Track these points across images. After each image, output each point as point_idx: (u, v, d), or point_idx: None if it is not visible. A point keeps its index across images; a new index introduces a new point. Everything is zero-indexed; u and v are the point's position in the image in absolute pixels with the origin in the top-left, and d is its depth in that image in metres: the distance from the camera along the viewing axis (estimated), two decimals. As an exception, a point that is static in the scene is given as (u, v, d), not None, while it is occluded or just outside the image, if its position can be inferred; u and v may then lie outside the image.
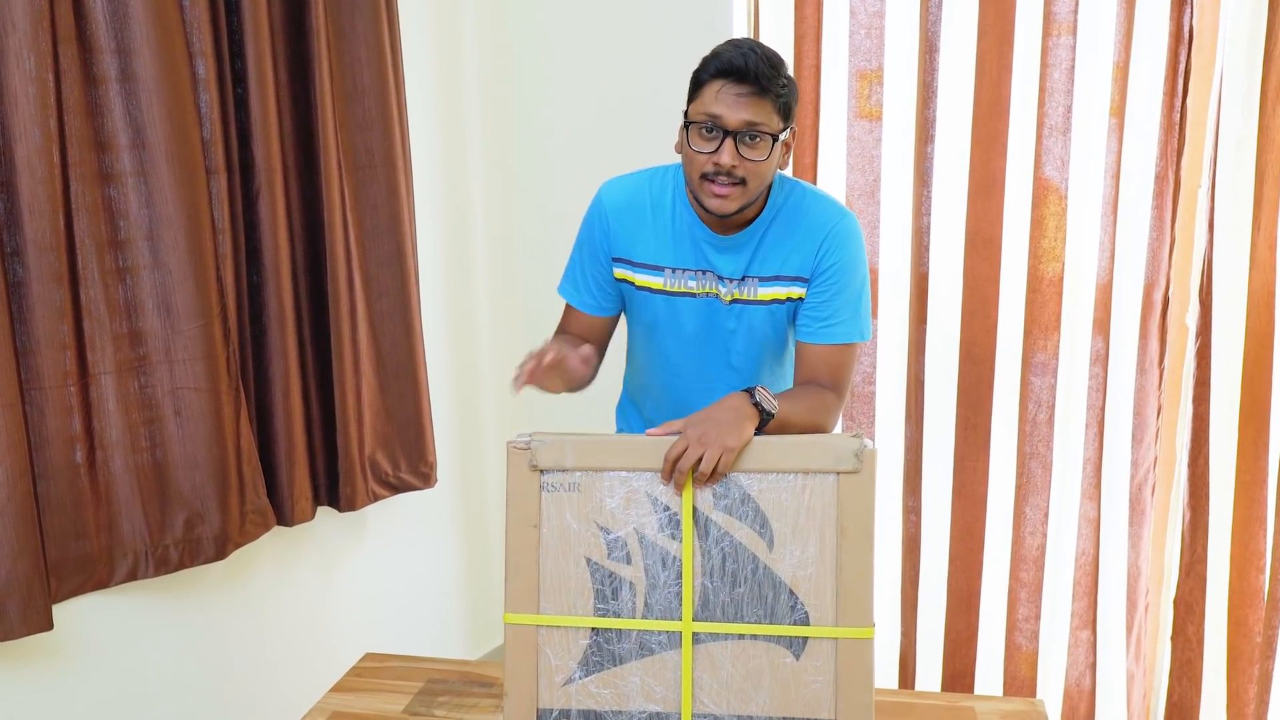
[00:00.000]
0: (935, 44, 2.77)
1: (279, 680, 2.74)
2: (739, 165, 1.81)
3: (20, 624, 2.10)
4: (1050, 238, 2.79)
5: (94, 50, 2.17)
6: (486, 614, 3.47)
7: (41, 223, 2.09)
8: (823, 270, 1.93)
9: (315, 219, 2.64)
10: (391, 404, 2.88)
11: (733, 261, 1.94)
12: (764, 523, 1.71)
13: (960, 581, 2.99)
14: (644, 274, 2.00)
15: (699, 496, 1.72)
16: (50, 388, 2.14)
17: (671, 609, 1.72)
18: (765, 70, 1.78)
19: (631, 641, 1.74)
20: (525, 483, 1.74)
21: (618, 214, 2.00)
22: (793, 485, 1.70)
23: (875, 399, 3.03)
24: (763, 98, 1.79)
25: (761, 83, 1.78)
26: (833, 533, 1.70)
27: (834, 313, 1.94)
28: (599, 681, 1.74)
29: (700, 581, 1.72)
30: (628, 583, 1.73)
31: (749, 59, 1.78)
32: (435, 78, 3.11)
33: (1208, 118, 2.61)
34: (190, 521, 2.38)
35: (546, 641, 1.75)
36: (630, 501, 1.73)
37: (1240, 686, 2.75)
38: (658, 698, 1.73)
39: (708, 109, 1.81)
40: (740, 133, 1.80)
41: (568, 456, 1.73)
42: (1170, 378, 2.75)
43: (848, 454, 1.69)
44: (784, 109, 1.82)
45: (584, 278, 2.06)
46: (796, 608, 1.71)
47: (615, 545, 1.73)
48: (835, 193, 2.95)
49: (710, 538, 1.71)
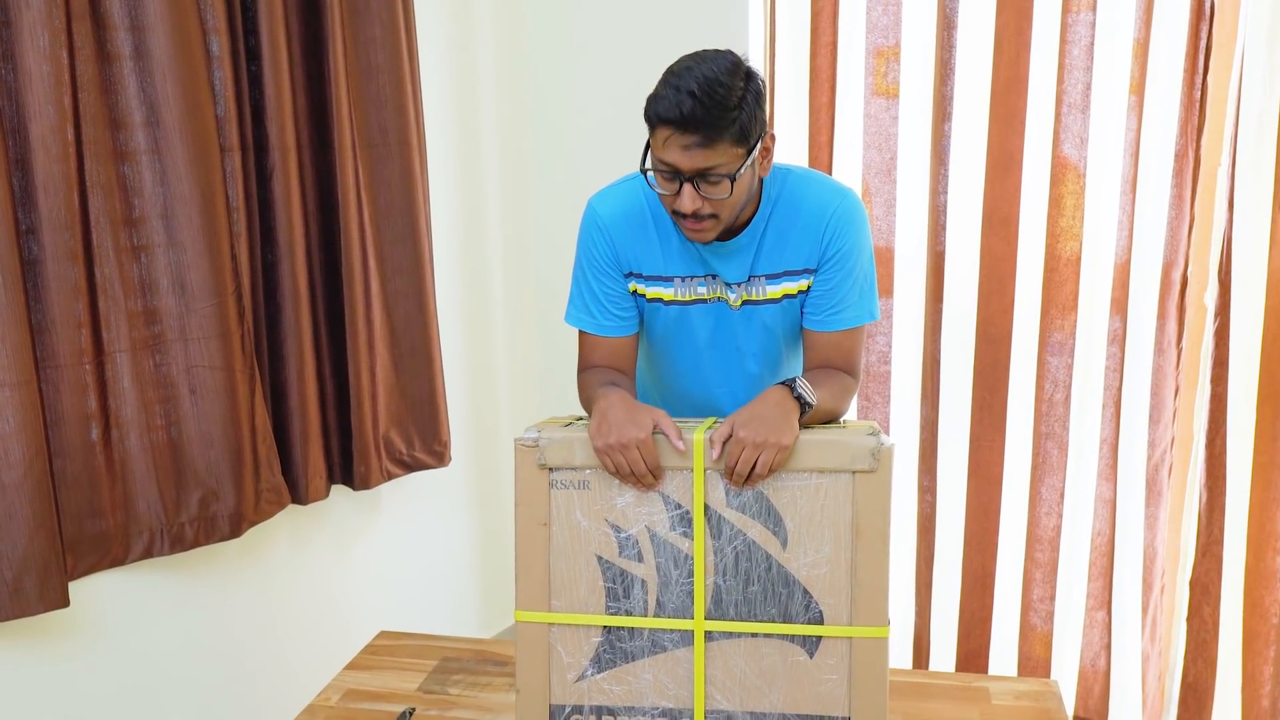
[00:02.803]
0: (953, 20, 2.75)
1: (293, 658, 2.75)
2: (703, 205, 1.72)
3: (37, 601, 2.10)
4: (1068, 216, 2.77)
5: (108, 27, 2.17)
6: (500, 592, 3.48)
7: (56, 200, 2.09)
8: (829, 258, 1.87)
9: (329, 197, 2.64)
10: (406, 382, 2.88)
11: (736, 265, 1.88)
12: (778, 521, 1.68)
13: (975, 562, 2.99)
14: (654, 286, 1.92)
15: (711, 494, 1.69)
16: (66, 366, 2.15)
17: (684, 607, 1.71)
18: (707, 115, 1.64)
19: (644, 639, 1.72)
20: (534, 480, 1.72)
21: (618, 226, 1.90)
22: (807, 484, 1.67)
23: (891, 378, 3.01)
24: (713, 142, 1.67)
25: (705, 130, 1.65)
26: (848, 532, 1.67)
27: (842, 298, 1.90)
28: (611, 678, 1.73)
29: (712, 580, 1.70)
30: (639, 581, 1.71)
31: (684, 106, 1.64)
32: (449, 54, 3.09)
33: (1228, 95, 2.58)
34: (205, 500, 2.39)
35: (558, 639, 1.74)
36: (641, 499, 1.70)
37: (1256, 668, 2.74)
38: (671, 694, 1.72)
39: (660, 155, 1.71)
40: (695, 177, 1.70)
41: (576, 454, 1.71)
42: (1188, 358, 2.73)
43: (864, 453, 1.66)
44: (741, 136, 1.69)
45: (596, 300, 1.95)
46: (810, 607, 1.69)
47: (626, 543, 1.71)
48: (852, 171, 2.94)
49: (723, 536, 1.69)
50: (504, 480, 3.44)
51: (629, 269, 1.93)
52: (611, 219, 1.91)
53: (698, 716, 1.72)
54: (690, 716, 1.72)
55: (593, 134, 3.30)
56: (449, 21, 3.08)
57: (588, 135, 3.31)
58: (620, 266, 1.92)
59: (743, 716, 1.72)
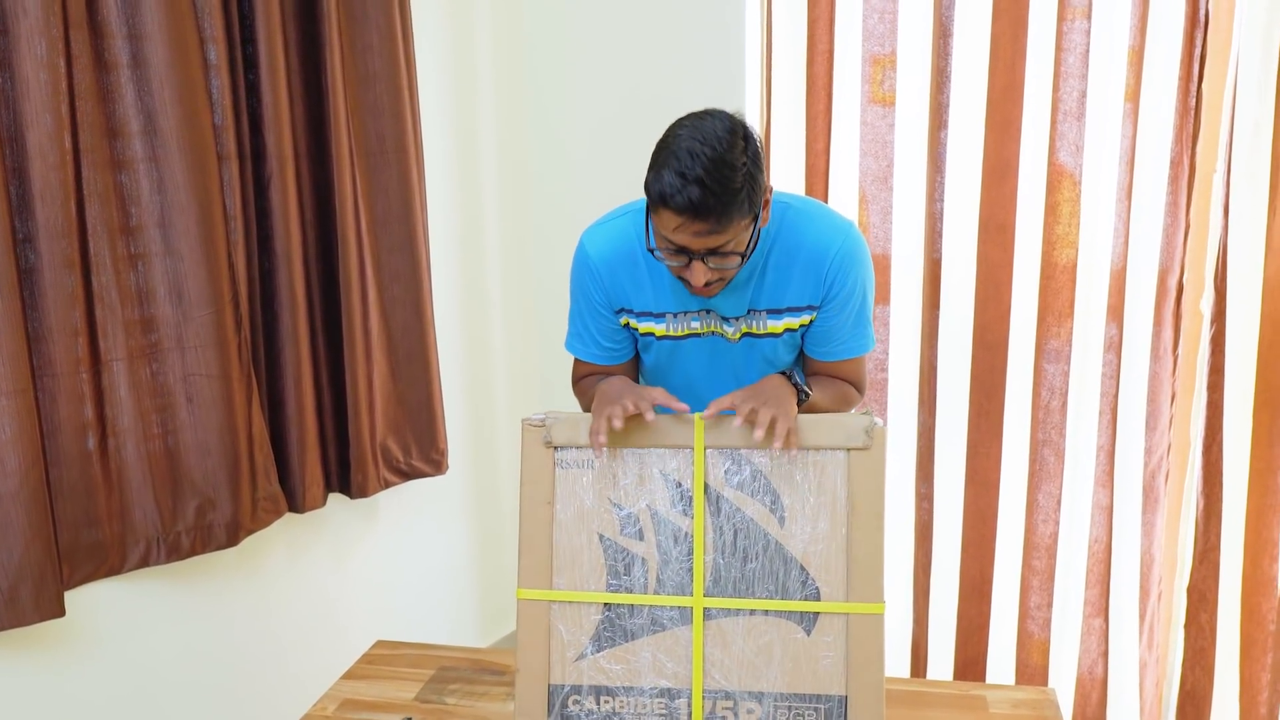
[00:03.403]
0: (949, 28, 2.76)
1: (290, 667, 2.74)
2: (714, 275, 1.72)
3: (33, 610, 2.10)
4: (1064, 224, 2.77)
5: (105, 36, 2.17)
6: (497, 601, 3.47)
7: (53, 209, 2.09)
8: (833, 296, 1.87)
9: (327, 205, 2.64)
10: (403, 390, 2.88)
11: (734, 302, 1.88)
12: (775, 499, 1.72)
13: (972, 569, 2.99)
14: (645, 321, 1.93)
15: (711, 473, 1.73)
16: (62, 374, 2.14)
17: (683, 585, 1.74)
18: (718, 203, 1.61)
19: (643, 617, 1.75)
20: (539, 460, 1.76)
21: (608, 266, 1.90)
22: (804, 462, 1.72)
23: (888, 385, 3.02)
24: (725, 226, 1.65)
25: (717, 215, 1.62)
26: (843, 509, 1.71)
27: (846, 334, 1.92)
28: (610, 657, 1.75)
29: (712, 557, 1.73)
30: (640, 559, 1.75)
31: (694, 196, 1.60)
32: (447, 63, 3.10)
33: (1223, 103, 2.59)
34: (202, 508, 2.38)
35: (559, 617, 1.76)
36: (643, 478, 1.75)
37: (1253, 675, 2.74)
38: (669, 673, 1.74)
39: (669, 237, 1.68)
40: (707, 254, 1.69)
41: (582, 434, 1.75)
42: (1184, 365, 2.74)
43: (858, 431, 1.71)
44: (749, 209, 1.67)
45: (588, 332, 1.98)
46: (808, 583, 1.72)
47: (628, 521, 1.74)
48: (848, 178, 2.94)
49: (722, 514, 1.73)
50: (501, 488, 3.44)
51: (619, 306, 1.94)
52: (601, 259, 1.91)
53: (696, 695, 1.74)
54: (688, 696, 1.74)
55: (590, 140, 3.30)
56: (447, 29, 3.08)
57: (585, 141, 3.32)
58: (611, 305, 1.94)
59: (741, 695, 1.74)
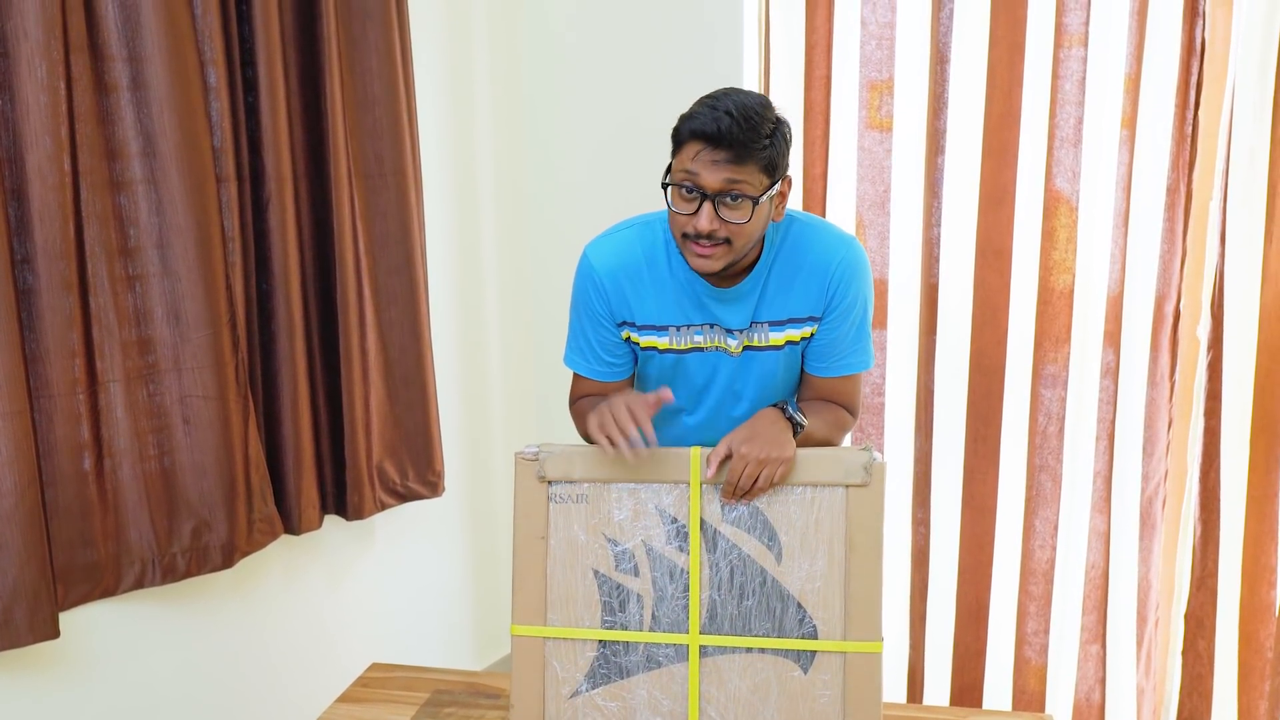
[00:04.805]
0: (946, 55, 2.77)
1: (285, 689, 2.73)
2: (720, 228, 1.72)
3: (27, 632, 2.09)
4: (1061, 249, 2.78)
5: (105, 58, 2.18)
6: (493, 624, 3.46)
7: (52, 230, 2.09)
8: (834, 308, 1.87)
9: (325, 227, 2.64)
10: (400, 412, 2.88)
11: (738, 312, 1.88)
12: (772, 535, 1.70)
13: (969, 594, 2.98)
14: (648, 335, 1.91)
15: (707, 509, 1.71)
16: (59, 395, 2.14)
17: (679, 622, 1.72)
18: (742, 134, 1.67)
19: (639, 654, 1.73)
20: (533, 494, 1.75)
21: (612, 278, 1.89)
22: (801, 498, 1.70)
23: (885, 410, 3.02)
24: (743, 162, 1.69)
25: (737, 149, 1.68)
26: (841, 546, 1.69)
27: (845, 348, 1.92)
28: (606, 694, 1.74)
29: (708, 594, 1.71)
30: (635, 595, 1.73)
31: (722, 123, 1.67)
32: (446, 86, 3.11)
33: (1220, 130, 2.60)
34: (198, 530, 2.38)
35: (553, 653, 1.75)
36: (638, 513, 1.73)
37: (1251, 702, 2.73)
38: (665, 711, 1.73)
39: (686, 168, 1.72)
40: (719, 195, 1.71)
41: (576, 468, 1.73)
42: (1181, 391, 2.74)
43: (856, 467, 1.69)
44: (769, 166, 1.72)
45: (590, 347, 1.96)
46: (805, 621, 1.70)
47: (623, 557, 1.73)
48: (845, 204, 2.95)
49: (719, 550, 1.71)
50: (498, 511, 3.44)
51: (622, 319, 1.93)
52: (605, 270, 1.90)
53: None
54: None
55: (587, 165, 3.31)
56: (446, 53, 3.10)
57: (583, 165, 3.32)
58: (613, 317, 1.93)
59: None
